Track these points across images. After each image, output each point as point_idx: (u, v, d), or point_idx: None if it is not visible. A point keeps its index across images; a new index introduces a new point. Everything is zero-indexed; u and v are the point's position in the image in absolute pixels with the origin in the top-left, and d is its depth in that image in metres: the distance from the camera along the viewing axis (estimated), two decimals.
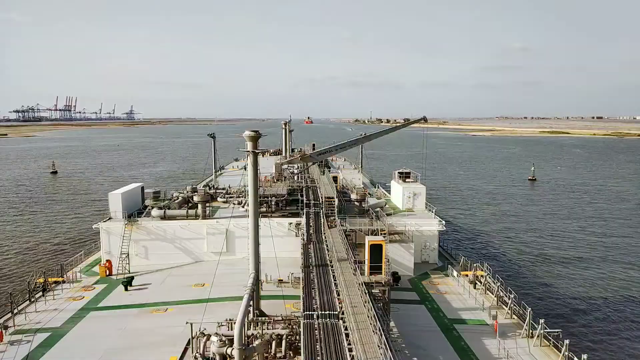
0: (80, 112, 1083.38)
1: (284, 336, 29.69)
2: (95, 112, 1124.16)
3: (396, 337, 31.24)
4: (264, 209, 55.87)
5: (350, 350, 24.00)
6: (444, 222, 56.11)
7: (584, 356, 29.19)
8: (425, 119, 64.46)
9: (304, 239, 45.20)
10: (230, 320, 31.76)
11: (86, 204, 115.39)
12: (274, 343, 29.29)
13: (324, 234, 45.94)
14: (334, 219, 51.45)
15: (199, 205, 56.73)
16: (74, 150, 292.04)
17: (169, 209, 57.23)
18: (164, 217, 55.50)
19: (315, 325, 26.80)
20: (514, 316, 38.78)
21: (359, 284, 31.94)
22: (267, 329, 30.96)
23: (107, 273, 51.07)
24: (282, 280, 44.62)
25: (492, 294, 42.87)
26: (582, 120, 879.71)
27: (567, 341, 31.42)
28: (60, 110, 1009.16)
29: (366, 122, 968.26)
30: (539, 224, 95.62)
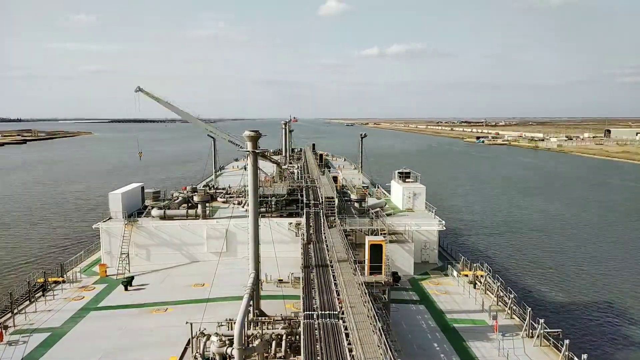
0: None
1: (284, 336, 29.71)
2: None
3: (396, 337, 31.20)
4: (264, 209, 55.90)
5: (350, 350, 23.99)
6: (444, 222, 56.08)
7: (584, 356, 29.16)
8: None
9: (304, 239, 45.18)
10: (230, 320, 31.76)
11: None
12: (274, 343, 29.31)
13: (324, 234, 45.92)
14: (334, 219, 51.45)
15: (199, 206, 56.78)
16: None
17: (169, 209, 57.27)
18: (163, 217, 55.54)
19: (315, 325, 26.78)
20: (514, 316, 38.75)
21: (359, 283, 31.92)
22: (267, 329, 30.95)
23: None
24: (282, 280, 44.64)
25: (492, 294, 42.84)
26: None
27: (567, 341, 31.39)
28: None
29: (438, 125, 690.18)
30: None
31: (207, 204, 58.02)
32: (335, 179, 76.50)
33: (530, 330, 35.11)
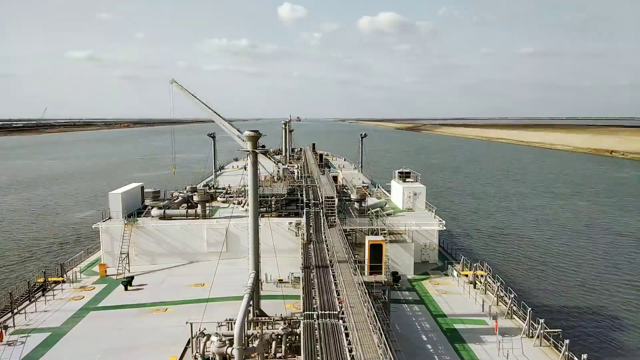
0: None
1: (284, 336, 29.71)
2: None
3: (396, 337, 31.21)
4: (264, 209, 55.89)
5: (350, 350, 24.00)
6: (444, 222, 56.07)
7: (584, 356, 29.17)
8: None
9: (304, 239, 45.20)
10: (230, 320, 31.76)
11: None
12: (274, 343, 29.32)
13: (324, 233, 45.94)
14: (334, 219, 51.46)
15: (199, 205, 56.77)
16: None
17: (168, 208, 57.26)
18: (163, 217, 55.56)
19: (315, 325, 26.79)
20: (514, 316, 38.77)
21: (359, 283, 31.94)
22: (267, 329, 30.96)
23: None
24: (282, 280, 44.66)
25: (492, 294, 42.87)
26: None
27: (567, 341, 31.41)
28: None
29: None
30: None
31: (207, 204, 58.03)
32: (335, 178, 76.53)
33: (530, 330, 35.13)
